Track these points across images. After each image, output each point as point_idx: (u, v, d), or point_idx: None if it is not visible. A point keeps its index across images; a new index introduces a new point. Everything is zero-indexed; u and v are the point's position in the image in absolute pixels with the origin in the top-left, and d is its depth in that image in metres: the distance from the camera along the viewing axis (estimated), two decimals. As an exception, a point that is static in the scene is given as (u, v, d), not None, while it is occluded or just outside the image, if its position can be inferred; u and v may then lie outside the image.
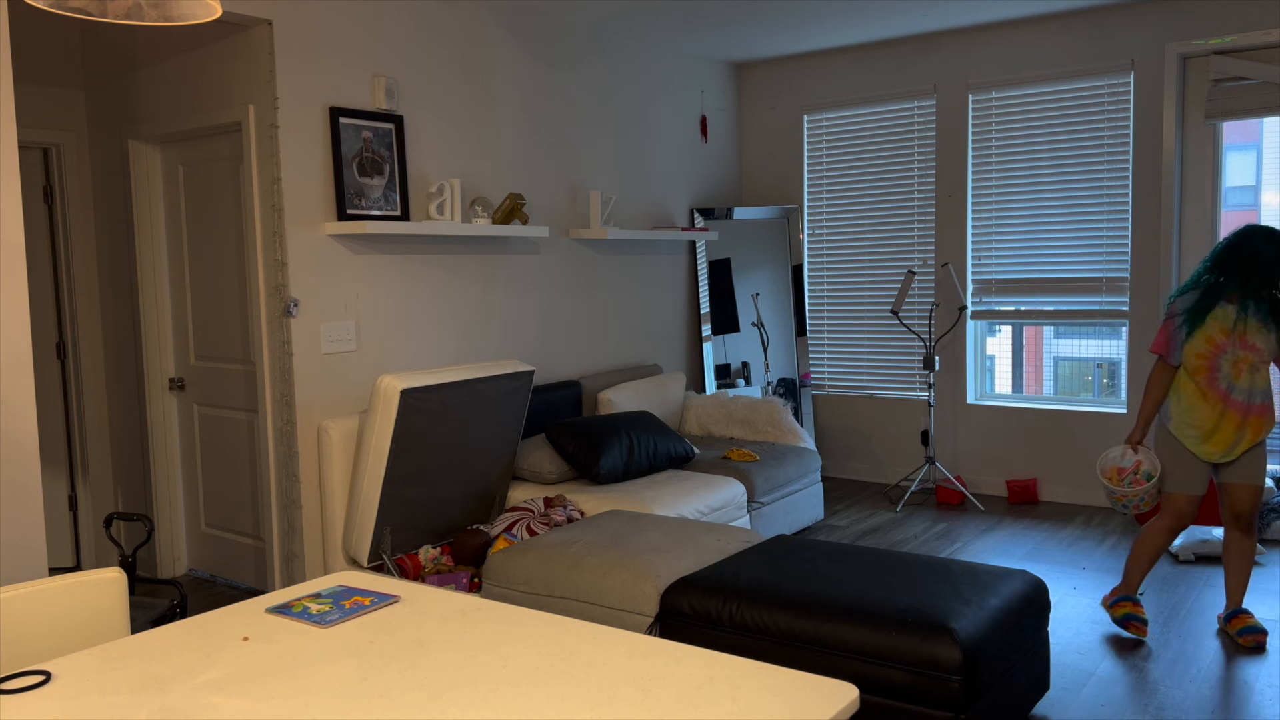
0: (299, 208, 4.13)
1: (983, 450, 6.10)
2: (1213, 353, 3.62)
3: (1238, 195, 5.39)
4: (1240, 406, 3.61)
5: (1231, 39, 5.19)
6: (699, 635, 3.08)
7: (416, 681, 1.64)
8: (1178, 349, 3.67)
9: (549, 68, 5.32)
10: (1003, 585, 3.05)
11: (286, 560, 4.26)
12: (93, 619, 2.02)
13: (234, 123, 4.24)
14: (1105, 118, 5.61)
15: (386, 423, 3.80)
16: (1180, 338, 3.66)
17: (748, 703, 1.52)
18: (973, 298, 6.11)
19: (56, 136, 4.82)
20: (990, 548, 5.01)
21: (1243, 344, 3.59)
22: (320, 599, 2.04)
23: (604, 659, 1.71)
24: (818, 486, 5.43)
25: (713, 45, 6.18)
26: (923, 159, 6.20)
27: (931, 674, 2.67)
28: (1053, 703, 3.29)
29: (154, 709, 1.56)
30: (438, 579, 3.90)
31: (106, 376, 5.05)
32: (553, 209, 5.37)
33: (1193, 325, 3.63)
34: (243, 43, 4.16)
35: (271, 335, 4.19)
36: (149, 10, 1.72)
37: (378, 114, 4.40)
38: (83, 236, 4.95)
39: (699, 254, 6.35)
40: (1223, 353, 3.61)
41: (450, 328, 4.80)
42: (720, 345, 6.36)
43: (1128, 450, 3.83)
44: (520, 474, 4.71)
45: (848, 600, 2.91)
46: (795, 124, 6.66)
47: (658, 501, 4.32)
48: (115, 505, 5.12)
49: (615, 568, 3.30)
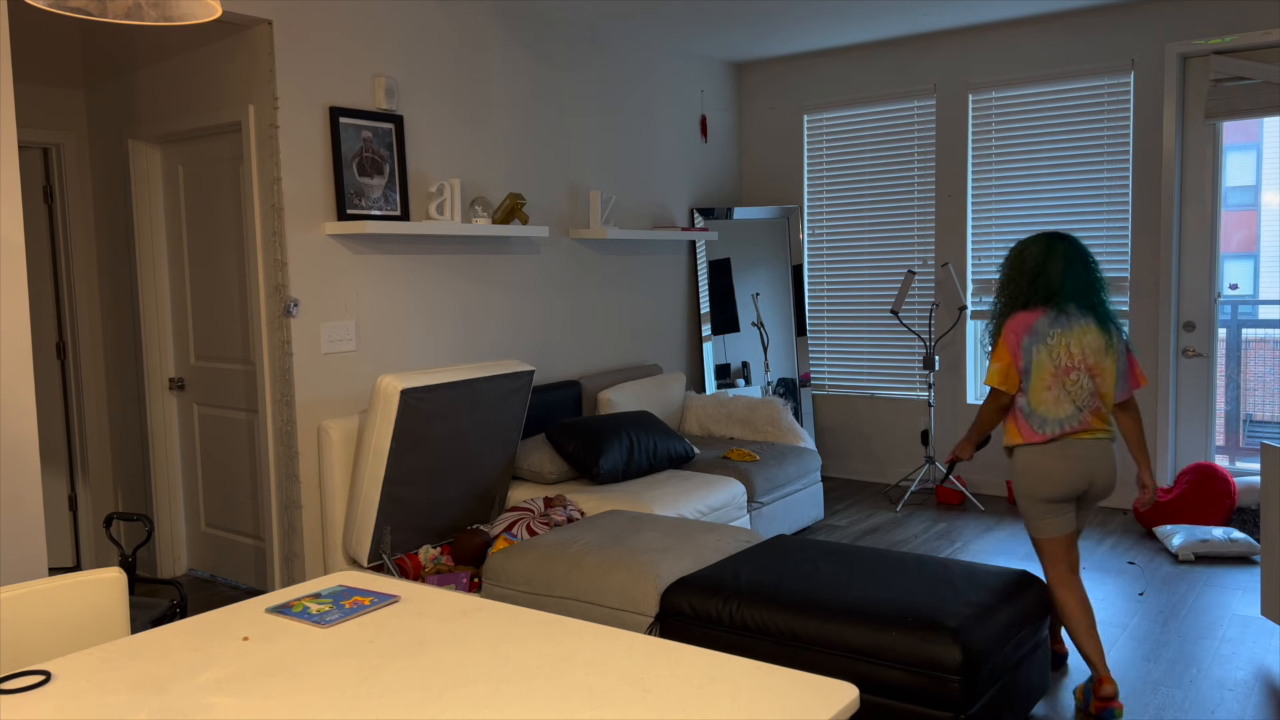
0: (299, 208, 4.13)
1: (983, 450, 6.10)
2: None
3: (1238, 195, 5.39)
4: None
5: (1231, 39, 5.19)
6: (699, 635, 3.08)
7: (416, 681, 1.64)
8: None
9: (549, 68, 5.32)
10: (1003, 585, 3.05)
11: (286, 560, 4.26)
12: (93, 619, 2.02)
13: (234, 123, 4.24)
14: (1105, 118, 5.61)
15: (386, 423, 3.80)
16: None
17: (748, 703, 1.52)
18: (973, 298, 6.11)
19: (56, 136, 4.82)
20: (990, 548, 5.01)
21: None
22: (320, 599, 2.04)
23: (604, 659, 1.71)
24: (818, 486, 5.43)
25: (713, 45, 6.18)
26: (923, 159, 6.20)
27: (931, 674, 2.67)
28: (1053, 703, 3.29)
29: (154, 709, 1.56)
30: (438, 579, 3.91)
31: (106, 376, 5.05)
32: (553, 209, 5.37)
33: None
34: (242, 43, 4.16)
35: (271, 335, 4.19)
36: (149, 10, 1.72)
37: (378, 114, 4.40)
38: (83, 236, 4.95)
39: (699, 254, 6.35)
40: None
41: (450, 328, 4.80)
42: (720, 345, 6.36)
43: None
44: (520, 474, 4.71)
45: (848, 600, 2.91)
46: (795, 124, 6.66)
47: (658, 501, 4.32)
48: (115, 505, 5.12)
49: (615, 568, 3.30)
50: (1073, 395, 3.22)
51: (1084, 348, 3.23)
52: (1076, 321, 3.24)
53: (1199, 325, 5.50)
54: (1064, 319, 3.24)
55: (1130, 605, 4.15)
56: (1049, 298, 3.27)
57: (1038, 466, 3.23)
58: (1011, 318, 3.29)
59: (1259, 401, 5.45)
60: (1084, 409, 3.22)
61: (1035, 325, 3.24)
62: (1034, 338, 3.23)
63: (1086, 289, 3.28)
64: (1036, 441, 3.24)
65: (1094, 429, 3.24)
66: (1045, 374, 3.22)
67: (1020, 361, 3.24)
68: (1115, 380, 3.26)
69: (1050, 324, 3.23)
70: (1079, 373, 3.22)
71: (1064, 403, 3.22)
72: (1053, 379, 3.22)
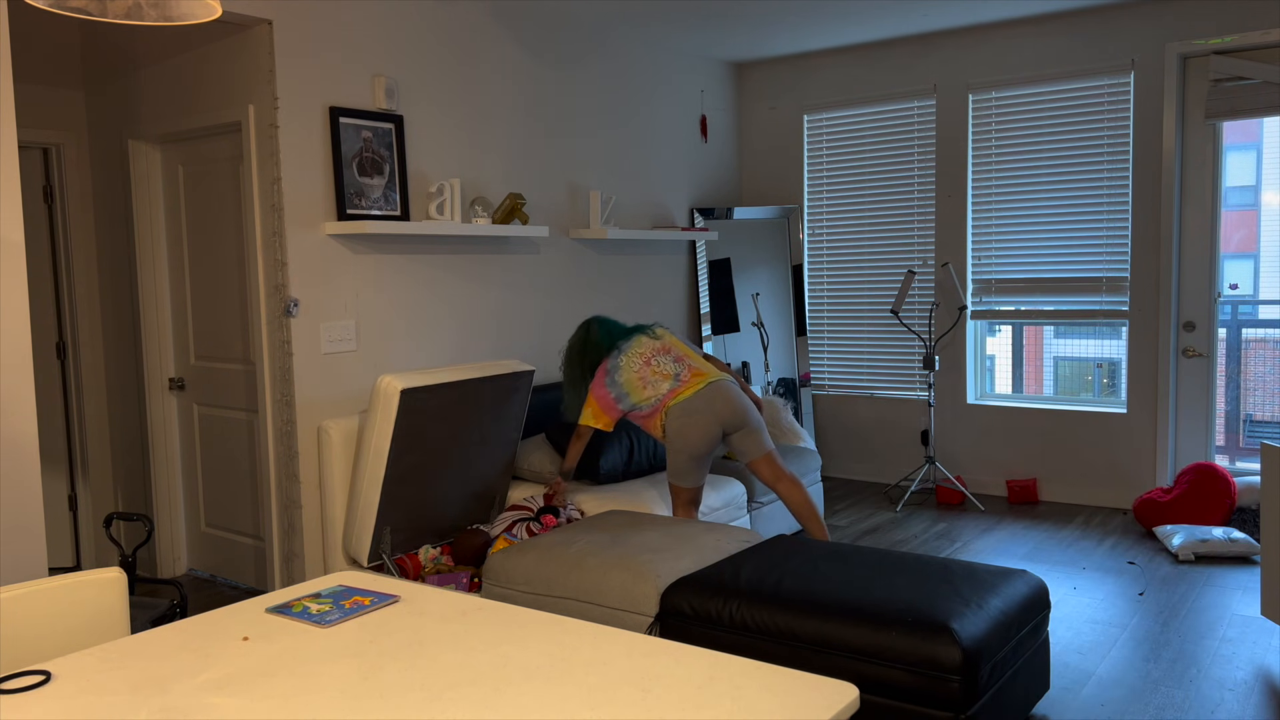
0: (299, 208, 4.13)
1: (983, 450, 6.10)
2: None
3: (1238, 195, 5.40)
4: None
5: (1231, 39, 5.19)
6: (699, 635, 3.08)
7: (416, 681, 1.64)
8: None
9: (549, 67, 5.32)
10: (1003, 585, 3.05)
11: (286, 560, 4.26)
12: (93, 619, 2.02)
13: (234, 123, 4.24)
14: (1105, 118, 5.61)
15: (386, 423, 3.80)
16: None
17: (748, 703, 1.52)
18: (973, 298, 6.11)
19: (56, 136, 4.82)
20: (990, 548, 5.01)
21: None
22: (320, 599, 2.04)
23: (604, 659, 1.71)
24: (818, 486, 5.43)
25: (713, 45, 6.18)
26: (923, 159, 6.20)
27: (931, 674, 2.67)
28: (1053, 703, 3.29)
29: (154, 709, 1.56)
30: (438, 579, 3.91)
31: (106, 376, 5.05)
32: (552, 209, 5.37)
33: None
34: (243, 43, 4.16)
35: (271, 335, 4.19)
36: (149, 10, 1.72)
37: (378, 114, 4.40)
38: (83, 236, 4.95)
39: (699, 254, 6.35)
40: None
41: (450, 328, 4.80)
42: (720, 345, 6.36)
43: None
44: (520, 474, 4.71)
45: (848, 600, 2.91)
46: (795, 124, 6.66)
47: (658, 501, 4.32)
48: (115, 505, 5.12)
49: (615, 568, 3.30)
50: (662, 374, 4.15)
51: (644, 349, 4.20)
52: (626, 344, 4.23)
53: (1199, 325, 5.50)
54: (617, 352, 4.22)
55: (1130, 605, 4.16)
56: (602, 351, 4.25)
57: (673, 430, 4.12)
58: (592, 382, 4.23)
59: (1259, 401, 5.45)
60: (679, 375, 4.15)
61: (607, 368, 4.20)
62: (609, 376, 4.18)
63: (620, 330, 4.31)
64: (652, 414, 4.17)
65: (697, 383, 4.14)
66: (633, 377, 4.16)
67: (611, 400, 4.17)
68: (686, 344, 4.31)
69: (614, 361, 4.20)
70: (659, 357, 4.19)
71: (659, 382, 4.13)
72: (639, 377, 4.15)
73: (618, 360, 4.19)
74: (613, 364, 4.19)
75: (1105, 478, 5.73)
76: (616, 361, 4.19)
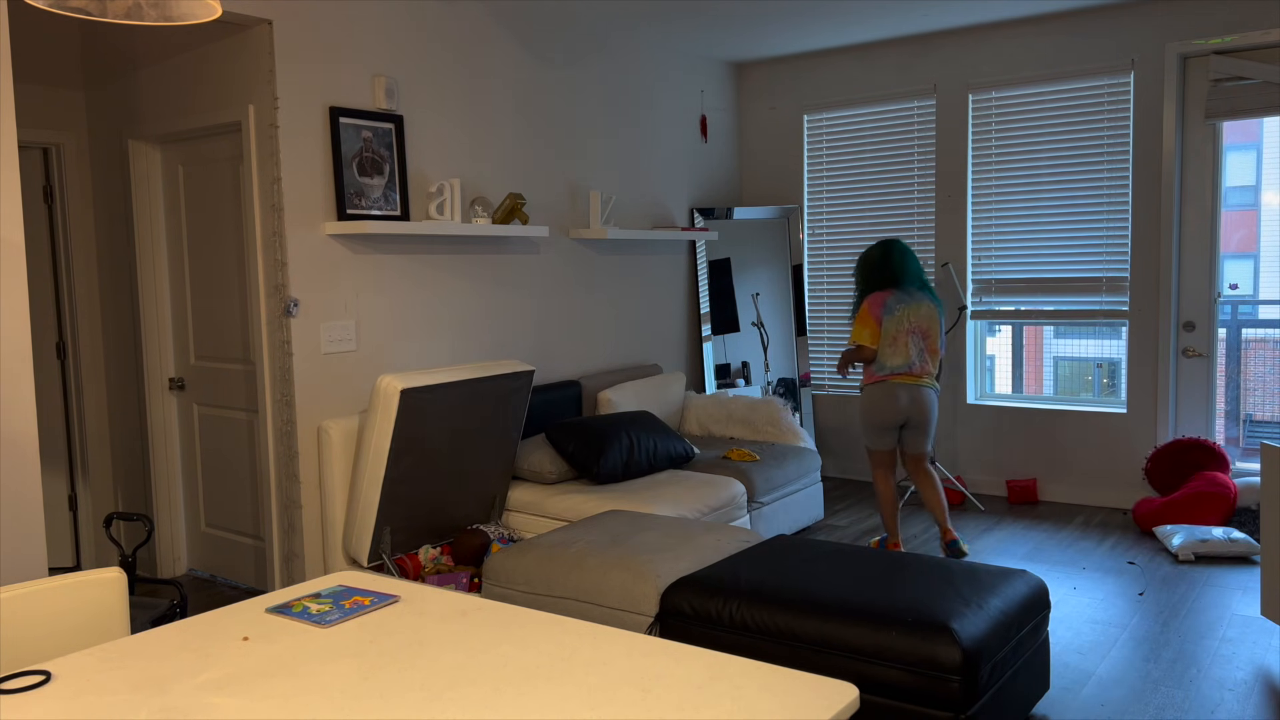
0: (299, 208, 4.13)
1: (983, 450, 6.10)
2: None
3: (1238, 195, 5.40)
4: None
5: (1231, 39, 5.19)
6: (699, 635, 3.08)
7: (416, 681, 1.64)
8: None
9: (549, 67, 5.32)
10: (1003, 585, 3.05)
11: (286, 560, 4.26)
12: (93, 619, 2.02)
13: (234, 123, 4.24)
14: (1105, 118, 5.61)
15: (386, 423, 3.80)
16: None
17: (748, 703, 1.52)
18: (973, 298, 6.11)
19: (56, 136, 4.82)
20: (990, 548, 5.01)
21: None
22: (320, 599, 2.04)
23: (604, 659, 1.71)
24: (818, 486, 5.43)
25: (713, 45, 6.18)
26: (923, 159, 6.20)
27: (931, 674, 2.67)
28: (1053, 703, 3.29)
29: (154, 709, 1.56)
30: (438, 579, 3.91)
31: (106, 376, 5.05)
32: (552, 209, 5.37)
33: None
34: (243, 43, 4.16)
35: (271, 335, 4.19)
36: (149, 10, 1.72)
37: (378, 114, 4.40)
38: (83, 236, 4.95)
39: (699, 254, 6.35)
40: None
41: (450, 327, 4.80)
42: (720, 345, 6.36)
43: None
44: (520, 474, 4.71)
45: (848, 600, 2.91)
46: (795, 124, 6.66)
47: (658, 501, 4.32)
48: (115, 505, 5.12)
49: (615, 568, 3.30)
50: (904, 352, 4.52)
51: (913, 321, 4.54)
52: (909, 303, 4.55)
53: (1199, 325, 5.50)
54: (905, 296, 4.56)
55: (1130, 605, 4.16)
56: (894, 282, 4.60)
57: (873, 399, 4.59)
58: (869, 297, 4.60)
59: (1259, 401, 5.45)
60: (915, 362, 4.53)
61: (887, 301, 4.54)
62: (886, 310, 4.53)
63: (916, 275, 4.64)
64: (876, 381, 4.58)
65: (919, 378, 4.55)
66: (891, 330, 4.52)
67: (877, 317, 4.53)
68: (939, 340, 4.59)
69: (896, 301, 4.54)
70: (915, 335, 4.53)
71: (896, 356, 4.52)
72: (892, 336, 4.52)
73: (894, 308, 4.53)
74: (890, 303, 4.54)
75: (1105, 478, 5.73)
76: (893, 307, 4.53)
